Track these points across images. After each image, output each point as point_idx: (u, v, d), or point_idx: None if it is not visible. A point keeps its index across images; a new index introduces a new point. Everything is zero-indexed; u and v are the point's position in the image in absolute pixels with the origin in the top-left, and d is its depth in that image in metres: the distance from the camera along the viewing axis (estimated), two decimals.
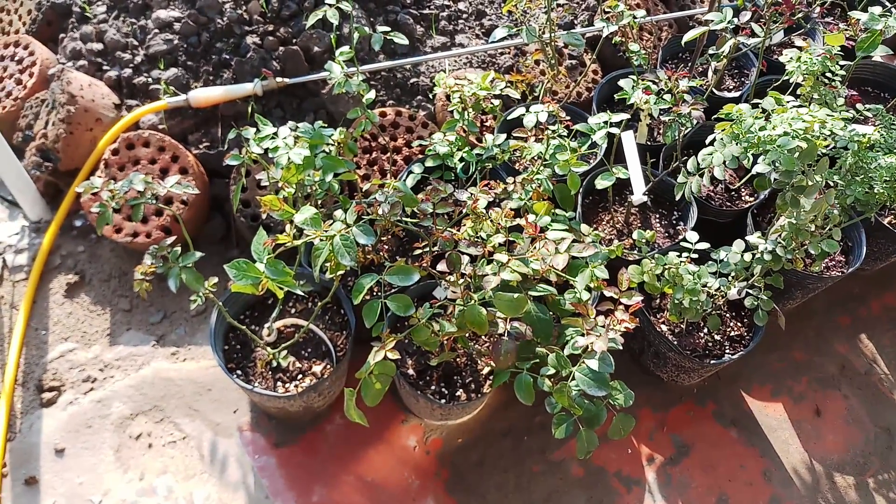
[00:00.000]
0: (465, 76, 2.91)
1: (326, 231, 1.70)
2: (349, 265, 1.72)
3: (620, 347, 1.78)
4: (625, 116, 2.21)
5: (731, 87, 3.22)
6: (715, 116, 1.86)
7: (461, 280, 1.95)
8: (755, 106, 1.71)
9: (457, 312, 1.93)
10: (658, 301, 2.60)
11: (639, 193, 2.59)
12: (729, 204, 2.81)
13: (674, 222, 2.75)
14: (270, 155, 1.95)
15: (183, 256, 1.92)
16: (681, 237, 2.65)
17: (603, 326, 1.81)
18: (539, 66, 3.26)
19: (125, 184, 1.89)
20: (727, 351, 2.47)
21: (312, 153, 1.97)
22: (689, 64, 3.07)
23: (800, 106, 1.83)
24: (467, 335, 2.06)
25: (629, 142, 2.71)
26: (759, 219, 2.78)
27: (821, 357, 2.84)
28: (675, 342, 2.46)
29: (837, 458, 2.61)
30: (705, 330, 2.51)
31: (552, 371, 1.85)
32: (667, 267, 2.16)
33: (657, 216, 2.78)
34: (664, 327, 2.52)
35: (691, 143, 2.97)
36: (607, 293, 1.85)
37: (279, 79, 2.90)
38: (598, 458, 2.53)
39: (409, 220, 1.97)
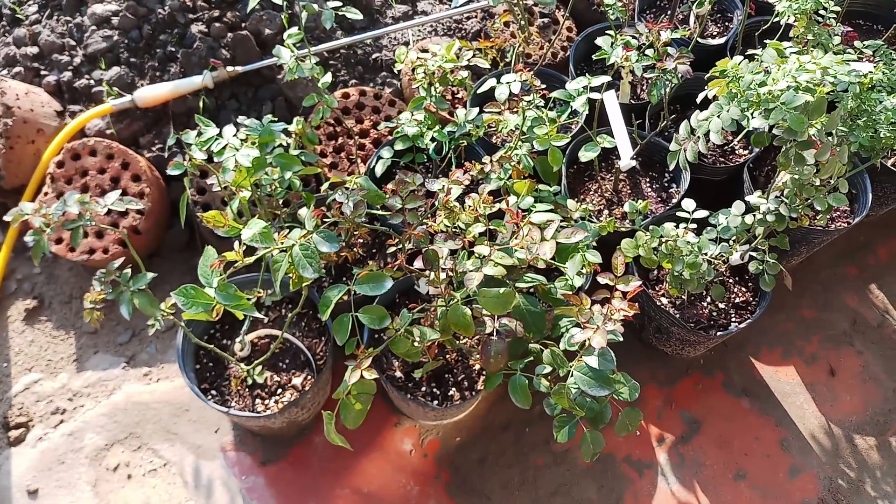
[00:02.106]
0: (429, 47, 2.70)
1: (283, 242, 1.52)
2: (313, 277, 1.55)
3: (621, 339, 1.62)
4: (605, 79, 2.02)
5: (714, 34, 3.02)
6: (707, 76, 1.67)
7: (441, 278, 1.78)
8: (751, 58, 1.53)
9: (439, 314, 1.77)
10: (656, 272, 2.43)
11: (626, 158, 2.41)
12: (723, 160, 2.63)
13: (666, 185, 2.58)
14: (217, 159, 1.76)
15: (134, 279, 1.73)
16: (675, 202, 2.48)
17: (602, 315, 1.65)
18: (509, 27, 3.05)
19: (59, 207, 1.70)
20: (733, 320, 2.32)
21: (263, 152, 1.78)
22: (670, 12, 2.87)
23: (799, 53, 1.65)
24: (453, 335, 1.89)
25: (612, 103, 2.52)
26: (755, 173, 2.61)
27: (830, 313, 2.69)
28: (678, 315, 2.30)
29: (856, 419, 2.47)
30: (708, 300, 2.35)
31: (548, 369, 1.69)
32: (664, 240, 1.99)
33: (647, 180, 2.60)
34: (664, 300, 2.36)
35: (677, 97, 2.79)
36: (602, 280, 1.68)
37: (230, 68, 2.69)
38: (606, 445, 2.39)
39: (381, 212, 1.79)
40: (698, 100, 1.76)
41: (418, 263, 1.70)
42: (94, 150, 2.56)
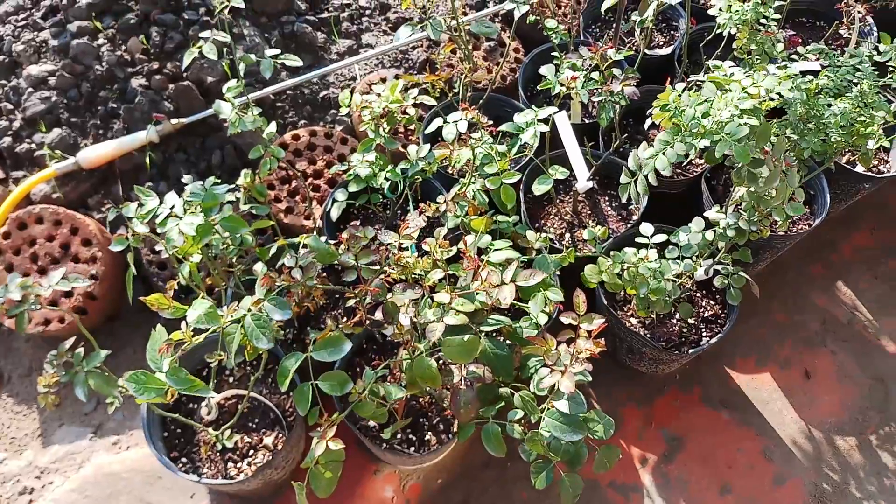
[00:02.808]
0: (373, 87, 2.68)
1: (232, 315, 1.47)
2: (267, 347, 1.50)
3: (590, 379, 1.59)
4: (552, 110, 1.99)
5: (661, 44, 3.02)
6: (648, 115, 1.64)
7: (403, 329, 1.74)
8: (696, 85, 1.51)
9: (404, 366, 1.73)
10: (623, 293, 2.41)
11: (583, 180, 2.39)
12: (681, 172, 2.62)
13: (625, 203, 2.56)
14: (160, 229, 1.70)
15: (88, 359, 1.66)
16: (636, 219, 2.47)
17: (568, 355, 1.62)
18: (457, 54, 3.02)
19: (1, 291, 1.63)
20: (704, 334, 2.30)
21: (208, 217, 1.72)
22: (614, 27, 2.86)
23: (747, 65, 1.64)
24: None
25: (564, 124, 2.49)
26: (713, 183, 2.60)
27: (801, 314, 2.69)
28: (648, 335, 2.29)
29: (835, 421, 2.47)
30: (677, 316, 2.33)
31: (521, 414, 1.66)
32: (626, 267, 1.96)
33: (607, 199, 2.58)
34: (634, 321, 2.34)
35: (630, 112, 2.78)
36: (565, 320, 1.65)
37: (174, 120, 2.63)
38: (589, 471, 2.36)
39: (341, 262, 1.74)
40: (646, 126, 1.74)
41: (380, 314, 1.66)
42: (40, 218, 2.48)
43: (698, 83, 1.50)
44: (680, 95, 1.43)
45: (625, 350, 2.40)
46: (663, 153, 1.45)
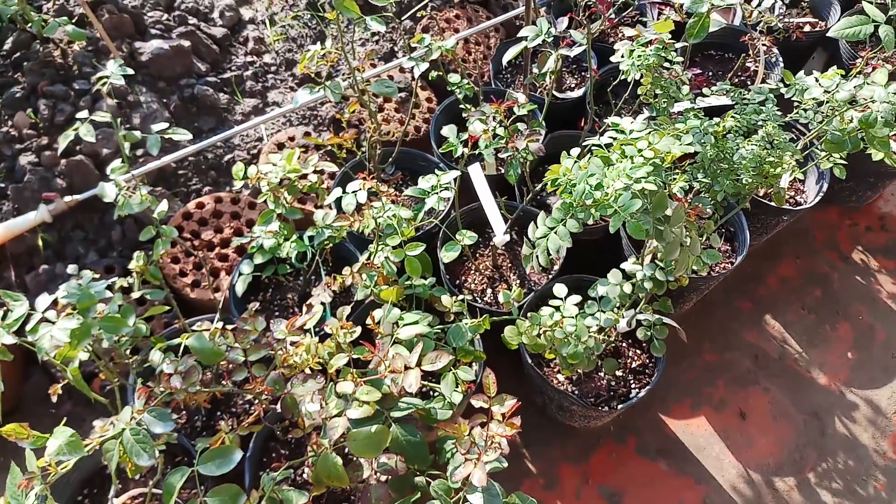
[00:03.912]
0: (279, 148, 2.57)
1: (104, 433, 1.33)
2: (149, 464, 1.36)
3: (505, 464, 1.49)
4: (455, 174, 1.91)
5: (573, 86, 2.98)
6: (544, 182, 1.57)
7: (306, 424, 1.62)
8: (590, 151, 1.44)
9: (311, 460, 1.61)
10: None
11: (500, 234, 2.32)
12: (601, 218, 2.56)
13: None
14: (31, 337, 1.55)
15: None
16: (556, 269, 2.40)
17: (482, 440, 1.52)
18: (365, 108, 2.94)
19: None
20: (633, 386, 2.23)
21: (86, 317, 1.58)
22: (523, 73, 2.82)
23: (652, 111, 1.59)
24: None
25: (478, 177, 2.43)
26: None
27: (731, 352, 2.65)
28: (576, 392, 2.21)
29: (773, 461, 2.41)
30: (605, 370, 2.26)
31: None
32: (543, 330, 1.88)
33: None
34: (561, 377, 2.25)
35: (547, 157, 2.72)
36: (476, 403, 1.55)
37: (67, 198, 2.47)
38: None
39: (229, 360, 1.61)
40: (548, 191, 1.66)
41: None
42: None
43: (594, 147, 1.43)
44: (571, 167, 1.36)
45: (554, 408, 2.31)
46: (555, 232, 1.38)
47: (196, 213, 2.60)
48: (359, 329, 1.70)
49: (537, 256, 1.43)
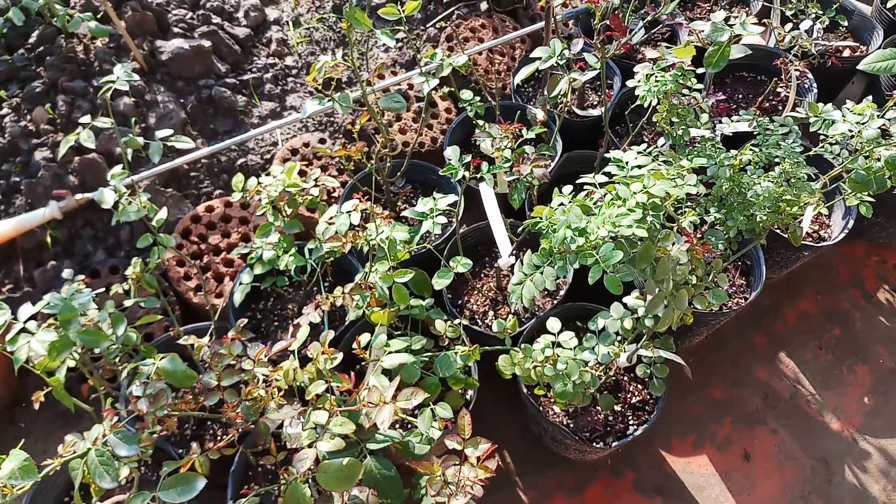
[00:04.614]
0: (293, 153, 2.56)
1: (66, 453, 1.33)
2: (111, 486, 1.35)
3: None
4: (453, 198, 1.87)
5: (595, 103, 2.91)
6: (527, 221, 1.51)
7: (278, 455, 1.60)
8: (580, 189, 1.38)
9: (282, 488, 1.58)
10: None
11: (505, 256, 2.26)
12: None
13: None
14: (10, 347, 1.56)
15: None
16: (562, 294, 2.34)
17: (455, 481, 1.48)
18: (385, 115, 2.91)
19: None
20: (631, 422, 2.17)
21: (66, 330, 1.58)
22: (541, 92, 2.75)
23: (668, 139, 1.52)
24: None
25: (488, 196, 2.38)
26: None
27: (741, 389, 2.56)
28: (571, 425, 2.15)
29: None
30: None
31: None
32: (535, 366, 1.83)
33: None
34: (557, 409, 2.20)
35: (563, 175, 2.66)
36: (449, 444, 1.51)
37: (78, 196, 2.49)
38: None
39: (202, 384, 1.60)
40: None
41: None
42: None
43: (587, 186, 1.37)
44: (557, 209, 1.31)
45: (549, 439, 2.26)
46: (531, 280, 1.32)
47: (205, 216, 2.60)
48: (340, 355, 1.67)
49: (522, 298, 1.38)
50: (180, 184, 2.69)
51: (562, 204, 1.33)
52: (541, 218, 1.31)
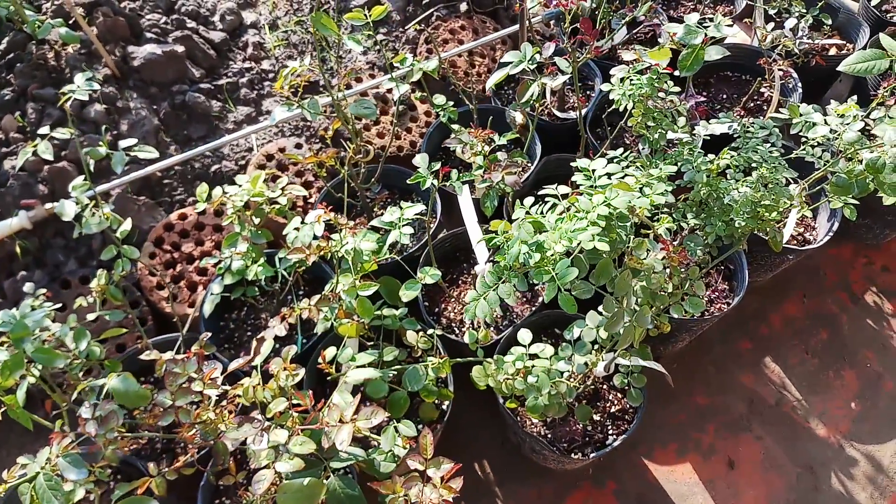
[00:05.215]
0: (267, 159, 2.52)
1: (12, 478, 1.28)
2: None
3: None
4: (420, 207, 1.82)
5: (576, 105, 2.85)
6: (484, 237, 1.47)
7: (238, 475, 1.55)
8: (542, 200, 1.33)
9: None
10: None
11: (482, 263, 2.22)
12: None
13: (532, 284, 2.38)
14: None
15: None
16: (541, 301, 2.30)
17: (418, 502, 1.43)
18: (361, 120, 2.86)
19: None
20: (610, 432, 2.12)
21: (20, 348, 1.53)
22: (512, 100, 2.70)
23: (643, 144, 1.48)
24: None
25: (466, 202, 2.34)
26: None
27: (725, 395, 2.51)
28: (549, 436, 2.10)
29: None
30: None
31: None
32: (505, 378, 1.78)
33: None
34: (534, 419, 2.15)
35: (544, 178, 2.61)
36: (412, 464, 1.47)
37: (48, 205, 2.44)
38: None
39: (156, 403, 1.55)
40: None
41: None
42: None
43: (548, 197, 1.33)
44: (512, 223, 1.26)
45: (528, 449, 2.21)
46: (485, 298, 1.28)
47: (178, 224, 2.55)
48: (302, 371, 1.63)
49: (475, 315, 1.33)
50: (153, 191, 2.64)
51: (519, 218, 1.28)
52: (496, 233, 1.26)
